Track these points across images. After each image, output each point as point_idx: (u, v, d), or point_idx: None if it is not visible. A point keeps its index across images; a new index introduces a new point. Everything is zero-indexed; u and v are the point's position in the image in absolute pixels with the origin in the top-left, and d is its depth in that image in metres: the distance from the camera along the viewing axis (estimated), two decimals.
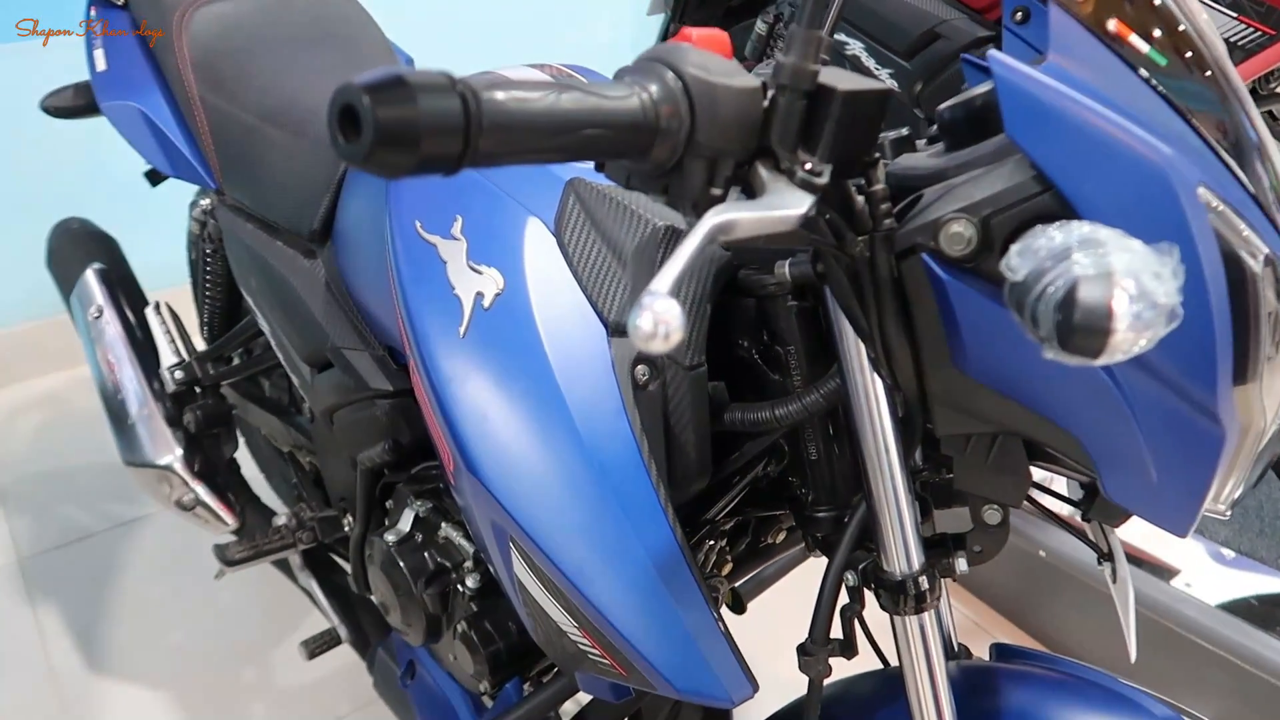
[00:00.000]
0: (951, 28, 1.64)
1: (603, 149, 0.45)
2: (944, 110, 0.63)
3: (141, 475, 1.39)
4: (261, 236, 1.17)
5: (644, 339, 0.38)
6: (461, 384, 0.72)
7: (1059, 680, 0.77)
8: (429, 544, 1.08)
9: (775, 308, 0.72)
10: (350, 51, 1.31)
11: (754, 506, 0.82)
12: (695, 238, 0.43)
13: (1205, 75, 0.54)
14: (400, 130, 0.37)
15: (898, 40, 1.70)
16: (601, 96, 0.45)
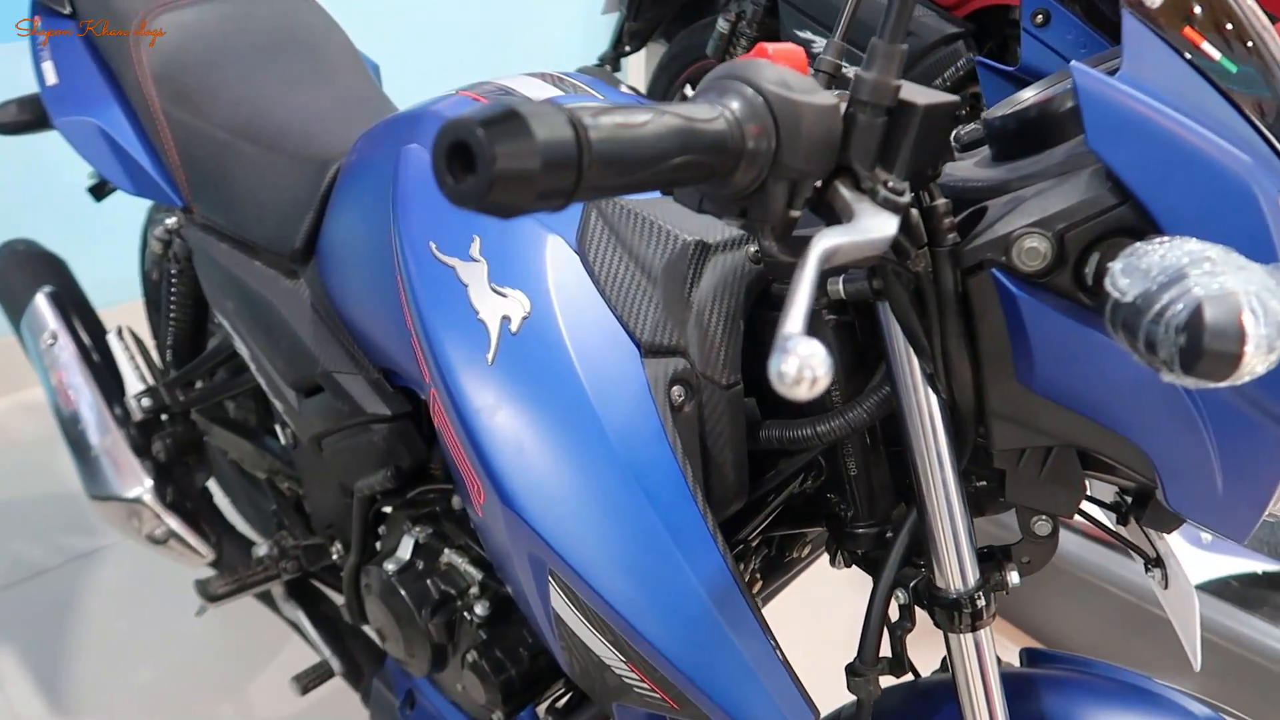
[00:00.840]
0: (919, 24, 1.65)
1: (697, 174, 0.43)
2: (993, 120, 0.62)
3: (109, 509, 1.32)
4: (238, 257, 1.12)
5: (789, 385, 0.35)
6: (492, 413, 0.69)
7: (1098, 684, 0.77)
8: (431, 572, 1.04)
9: (813, 323, 0.70)
10: (318, 60, 1.26)
11: (787, 524, 0.80)
12: (809, 271, 0.41)
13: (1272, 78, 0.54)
14: (520, 167, 0.34)
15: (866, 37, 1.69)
16: (691, 119, 0.42)
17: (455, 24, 2.74)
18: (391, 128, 0.90)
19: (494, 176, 0.34)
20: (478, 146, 0.34)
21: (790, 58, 0.49)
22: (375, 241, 0.90)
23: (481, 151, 0.34)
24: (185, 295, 1.32)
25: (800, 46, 0.50)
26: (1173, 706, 0.75)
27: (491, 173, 0.34)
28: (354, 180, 0.95)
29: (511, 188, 0.34)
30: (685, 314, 0.70)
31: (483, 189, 0.34)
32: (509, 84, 0.89)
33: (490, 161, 0.34)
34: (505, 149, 0.34)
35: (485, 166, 0.34)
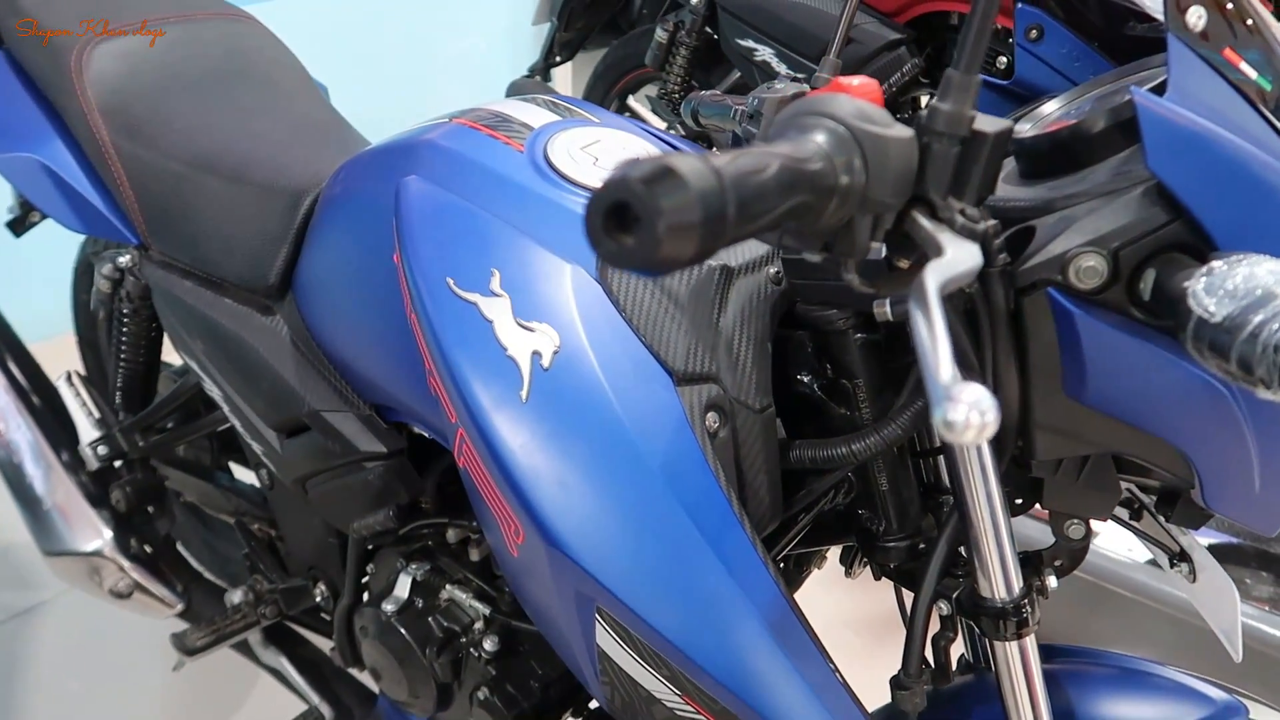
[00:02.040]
0: (862, 31, 1.68)
1: (801, 215, 0.43)
2: (1024, 140, 0.63)
3: (66, 565, 1.25)
4: (205, 295, 1.07)
5: (958, 432, 0.35)
6: (531, 453, 0.67)
7: (1119, 675, 0.80)
8: (432, 609, 1.01)
9: (842, 341, 0.71)
10: (272, 86, 1.22)
11: (815, 541, 0.81)
12: (936, 312, 0.41)
13: None
14: (683, 221, 0.33)
15: (808, 45, 1.72)
16: (797, 161, 0.42)
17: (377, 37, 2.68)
18: (382, 159, 0.88)
19: (662, 233, 0.33)
20: (641, 205, 0.33)
21: (867, 92, 0.49)
22: (366, 276, 0.88)
23: (646, 210, 0.33)
24: (138, 336, 1.26)
25: (874, 80, 0.51)
26: (1191, 693, 0.78)
27: (658, 230, 0.33)
28: (339, 212, 0.92)
29: (677, 243, 0.33)
30: (714, 339, 0.70)
31: (650, 248, 0.33)
32: (501, 109, 0.87)
33: (655, 218, 0.33)
34: (669, 204, 0.33)
35: (650, 224, 0.33)
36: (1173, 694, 0.77)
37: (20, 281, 2.11)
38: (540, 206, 0.75)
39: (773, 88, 0.88)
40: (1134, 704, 0.78)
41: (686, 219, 0.33)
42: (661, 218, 0.33)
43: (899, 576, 0.76)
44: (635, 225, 0.33)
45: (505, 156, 0.79)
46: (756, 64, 1.83)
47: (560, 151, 0.79)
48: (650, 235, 0.33)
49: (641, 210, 0.33)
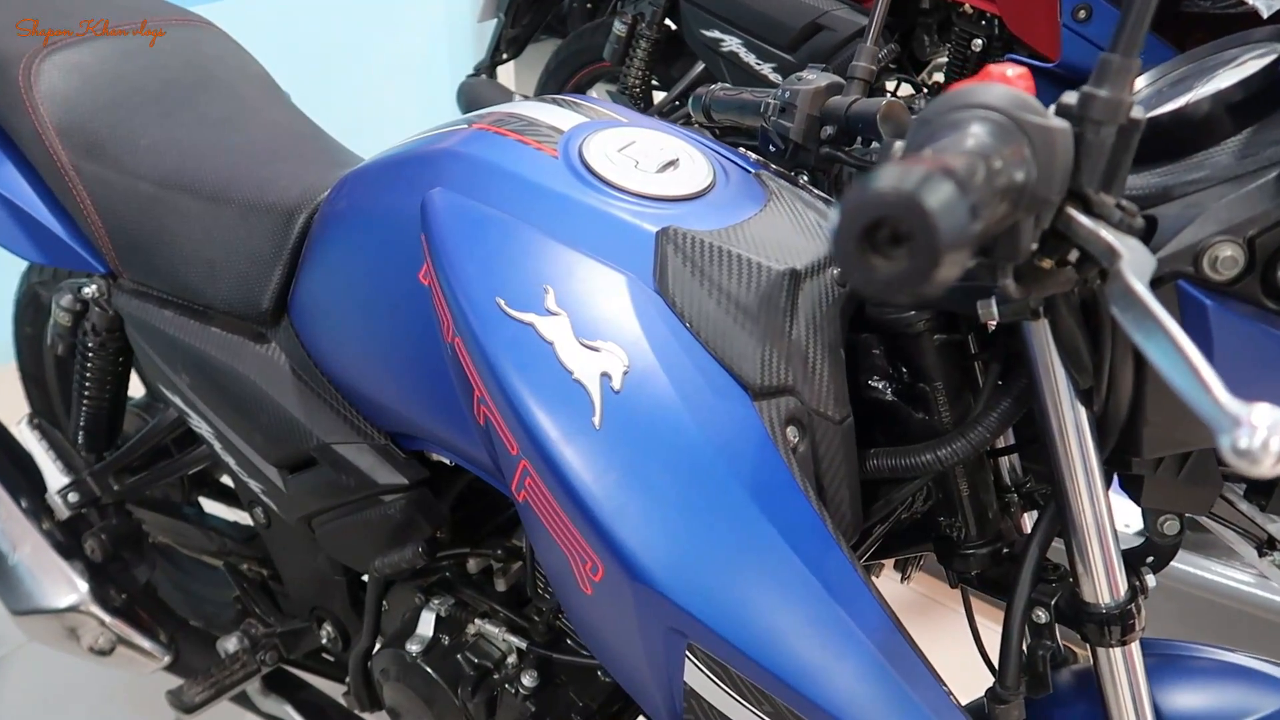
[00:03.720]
0: (834, 18, 1.65)
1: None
2: None
3: (38, 624, 1.15)
4: (189, 324, 0.99)
5: (1254, 461, 0.32)
6: (609, 483, 0.62)
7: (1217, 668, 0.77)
8: (460, 646, 0.96)
9: (920, 344, 0.67)
10: (238, 95, 1.14)
11: (889, 552, 0.77)
12: (1163, 313, 0.37)
13: None
14: (961, 239, 0.29)
15: (779, 34, 1.69)
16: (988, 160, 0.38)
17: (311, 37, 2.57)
18: (396, 170, 0.81)
19: (942, 249, 0.28)
20: (917, 220, 0.28)
21: (1025, 81, 0.45)
22: (382, 296, 0.81)
23: (922, 225, 0.28)
24: (103, 371, 1.16)
25: (1022, 66, 0.47)
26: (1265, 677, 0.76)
27: (938, 246, 0.28)
28: (345, 229, 0.85)
29: (954, 262, 0.29)
30: (788, 349, 0.66)
31: (925, 268, 0.29)
32: (522, 111, 0.82)
33: (933, 235, 0.28)
34: (948, 220, 0.29)
35: (928, 241, 0.28)
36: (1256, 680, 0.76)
37: None
38: (585, 215, 0.70)
39: (804, 79, 0.84)
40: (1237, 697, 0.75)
41: (963, 235, 0.29)
42: (940, 234, 0.28)
43: (983, 584, 0.73)
44: (907, 242, 0.29)
45: (540, 163, 0.73)
46: (723, 55, 1.79)
47: (597, 154, 0.74)
48: (927, 254, 0.29)
49: (916, 226, 0.29)
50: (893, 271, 0.30)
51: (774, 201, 0.74)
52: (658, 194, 0.71)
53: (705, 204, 0.72)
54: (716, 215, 0.71)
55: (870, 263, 0.30)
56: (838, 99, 0.80)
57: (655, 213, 0.70)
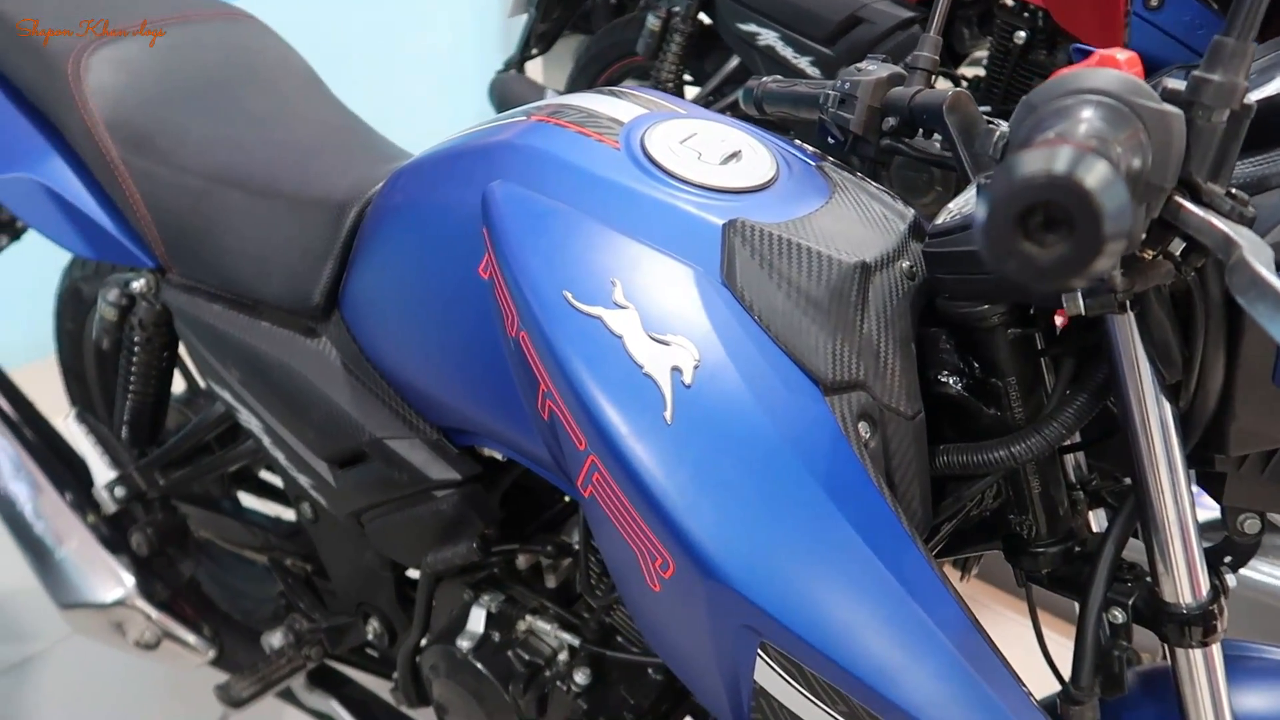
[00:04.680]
0: (874, 11, 1.63)
1: None
2: None
3: (85, 618, 1.16)
4: (239, 319, 0.99)
5: None
6: (681, 479, 0.61)
7: (1264, 665, 0.76)
8: (511, 643, 0.95)
9: (993, 338, 0.66)
10: (282, 89, 1.13)
11: (955, 549, 0.76)
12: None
13: None
14: (1123, 226, 0.27)
15: (817, 27, 1.68)
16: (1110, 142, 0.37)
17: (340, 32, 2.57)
18: (454, 163, 0.80)
19: (1107, 237, 0.27)
20: (1079, 201, 0.27)
21: (1133, 63, 0.44)
22: (438, 290, 0.81)
23: (1087, 210, 0.27)
24: (149, 366, 1.16)
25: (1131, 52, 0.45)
26: None
27: (1103, 233, 0.27)
28: (399, 224, 0.84)
29: (1114, 250, 0.28)
30: (858, 343, 0.65)
31: (1086, 255, 0.27)
32: (579, 103, 0.81)
33: (1098, 220, 0.27)
34: (1112, 204, 0.27)
35: (1092, 227, 0.27)
36: None
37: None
38: (650, 207, 0.69)
39: (864, 70, 0.82)
40: None
41: (1125, 216, 0.28)
42: (1104, 215, 0.27)
43: (1054, 583, 0.72)
44: (1065, 227, 0.28)
45: (602, 155, 0.72)
46: (759, 49, 1.78)
47: (659, 146, 0.73)
48: (1090, 238, 0.27)
49: (1077, 207, 0.27)
50: (1051, 259, 0.28)
51: (839, 193, 0.73)
52: (722, 186, 0.70)
53: (770, 196, 0.71)
54: (782, 207, 0.70)
55: (1026, 251, 0.29)
56: (900, 90, 0.79)
57: (721, 205, 0.69)
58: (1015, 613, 1.55)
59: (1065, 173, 0.28)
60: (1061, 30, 1.50)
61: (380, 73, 2.71)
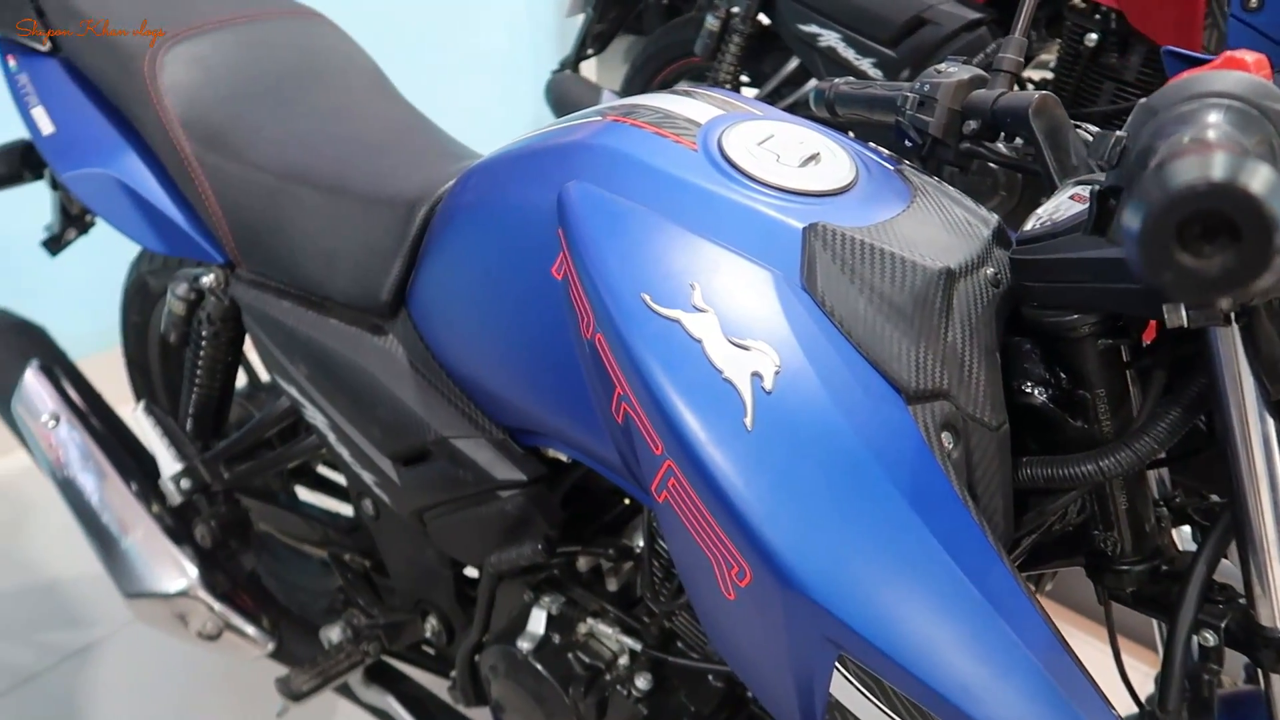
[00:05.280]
0: (939, 12, 1.61)
1: None
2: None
3: (149, 607, 1.17)
4: (307, 315, 0.99)
5: None
6: (761, 486, 0.60)
7: None
8: (571, 645, 0.95)
9: (1081, 349, 0.64)
10: (350, 87, 1.14)
11: (1035, 565, 0.74)
12: None
13: None
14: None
15: (880, 29, 1.66)
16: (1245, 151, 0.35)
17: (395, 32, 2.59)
18: (527, 163, 0.80)
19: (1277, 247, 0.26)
20: (1249, 212, 0.26)
21: (1261, 65, 0.42)
22: (508, 291, 0.80)
23: (1255, 218, 0.26)
24: (215, 360, 1.18)
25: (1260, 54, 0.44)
26: None
27: (1271, 234, 0.26)
28: (471, 223, 0.84)
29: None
30: (942, 351, 0.63)
31: (1256, 265, 0.26)
32: (654, 103, 0.80)
33: (1266, 220, 0.26)
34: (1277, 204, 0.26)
35: (1260, 229, 0.26)
36: None
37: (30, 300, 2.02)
38: (729, 210, 0.68)
39: (944, 72, 0.81)
40: None
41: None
42: (1277, 228, 0.26)
43: (1138, 603, 0.70)
44: (1229, 238, 0.26)
45: (680, 156, 0.72)
46: (820, 50, 1.76)
47: (737, 147, 0.72)
48: (1259, 251, 0.26)
49: (1247, 219, 0.26)
50: (1215, 271, 0.27)
51: (920, 197, 0.72)
52: (802, 189, 0.69)
53: (851, 199, 0.69)
54: (863, 211, 0.68)
55: (1185, 264, 0.28)
56: (982, 92, 0.77)
57: (800, 208, 0.68)
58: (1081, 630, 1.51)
59: (1227, 179, 0.27)
60: (1134, 32, 1.46)
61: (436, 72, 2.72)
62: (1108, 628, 0.78)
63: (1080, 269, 0.60)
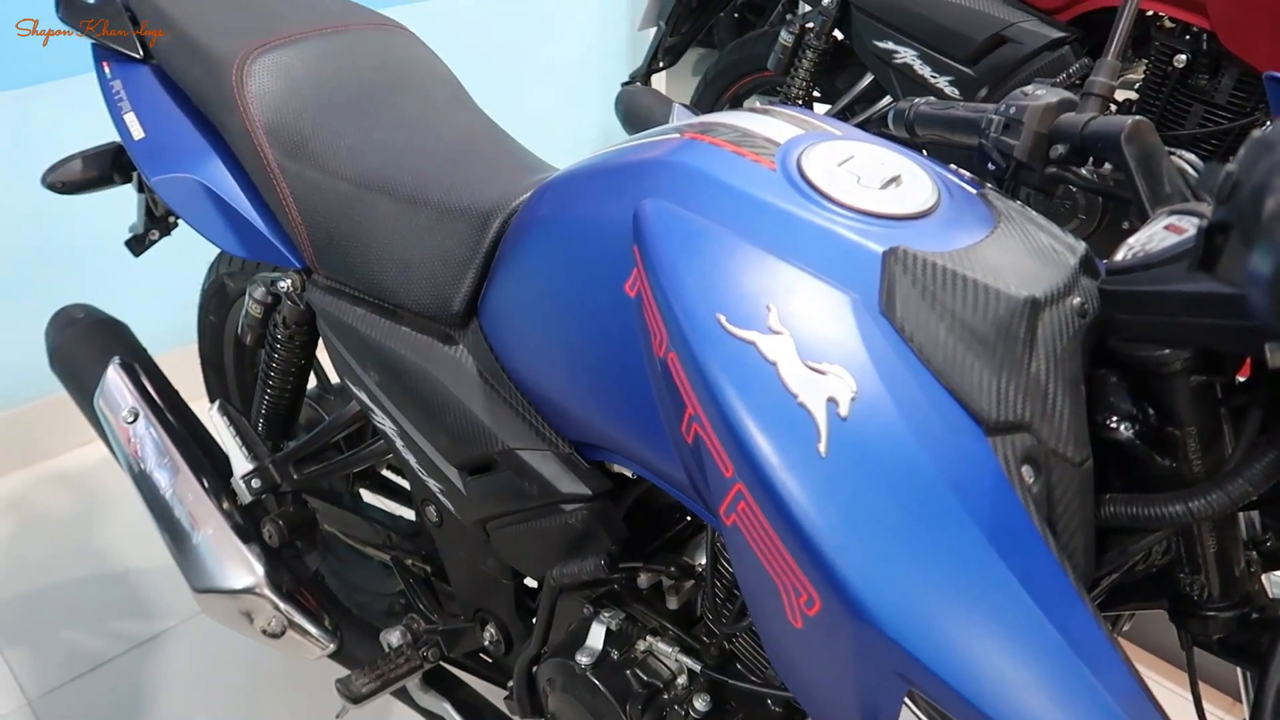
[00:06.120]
0: (1020, 30, 1.58)
1: None
2: None
3: (216, 603, 1.20)
4: (380, 323, 1.01)
5: None
6: (833, 514, 0.59)
7: None
8: (629, 662, 0.94)
9: (1173, 384, 0.62)
10: (428, 97, 1.16)
11: (1115, 605, 0.72)
12: None
13: None
14: None
15: (959, 46, 1.63)
16: None
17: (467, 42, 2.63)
18: (603, 179, 0.80)
19: None
20: None
21: None
22: (580, 306, 0.80)
23: None
24: (289, 363, 1.20)
25: None
26: None
27: None
28: (544, 236, 0.85)
29: None
30: (1024, 382, 0.62)
31: None
32: (732, 121, 0.79)
33: None
34: None
35: None
36: None
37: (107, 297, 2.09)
38: (808, 231, 0.67)
39: (1030, 94, 0.79)
40: None
41: None
42: None
43: (1226, 650, 0.67)
44: None
45: (758, 175, 0.71)
46: (895, 67, 1.74)
47: (817, 168, 0.71)
48: None
49: None
50: None
51: (1004, 223, 0.70)
52: (882, 211, 0.68)
53: (932, 224, 0.68)
54: (945, 236, 0.67)
55: None
56: (1071, 116, 0.75)
57: (881, 231, 0.66)
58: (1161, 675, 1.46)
59: None
60: (1227, 54, 1.42)
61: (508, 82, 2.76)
62: (1189, 674, 0.75)
63: (1176, 302, 0.58)
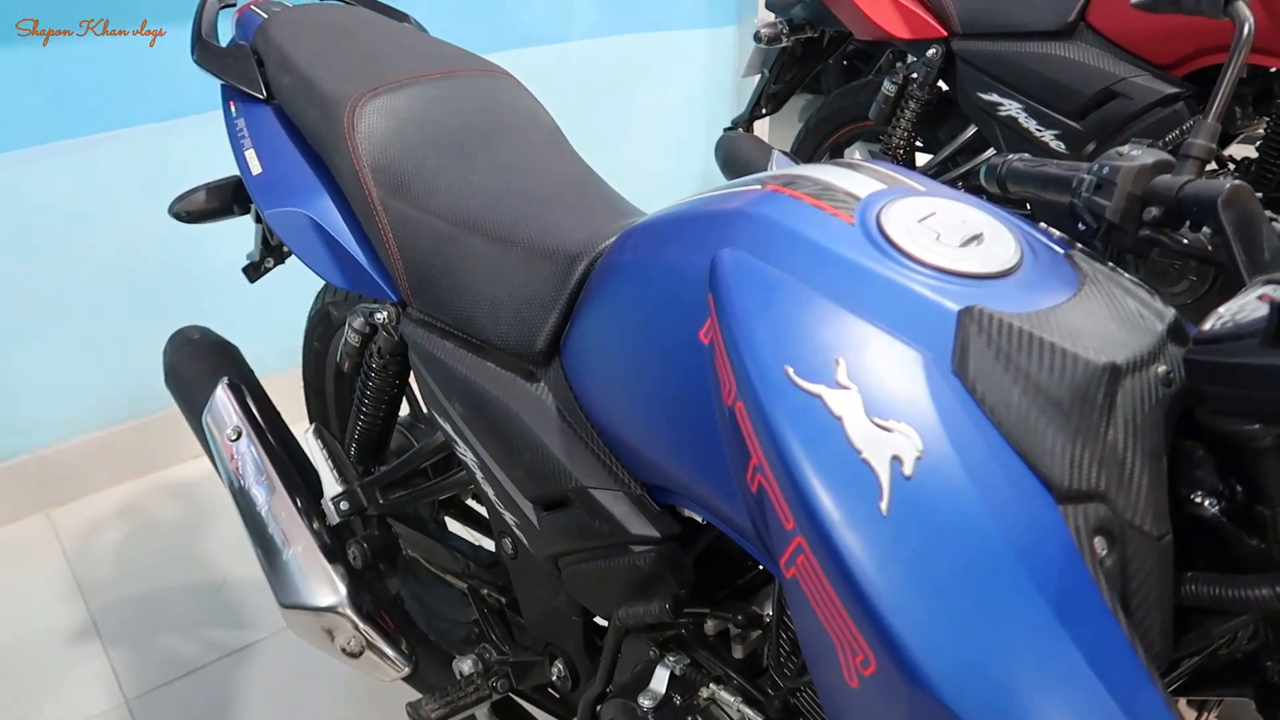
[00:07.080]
0: (1131, 85, 1.54)
1: None
2: None
3: (300, 619, 1.24)
4: (467, 357, 1.04)
5: None
6: (893, 574, 0.58)
7: None
8: (692, 709, 0.93)
9: (1263, 461, 0.59)
10: (529, 142, 1.20)
11: (1196, 690, 0.68)
12: None
13: None
14: None
15: (1066, 100, 1.60)
16: None
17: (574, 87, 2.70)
18: (685, 227, 0.82)
19: None
20: None
21: None
22: (655, 350, 0.81)
23: None
24: (382, 391, 1.25)
25: None
26: None
27: None
28: (625, 281, 0.86)
29: None
30: (1101, 450, 0.60)
31: None
32: (814, 174, 0.80)
33: None
34: None
35: None
36: None
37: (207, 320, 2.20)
38: (882, 287, 0.67)
39: (1125, 155, 0.77)
40: None
41: None
42: None
43: None
44: None
45: (836, 229, 0.71)
46: (999, 119, 1.71)
47: (896, 224, 0.71)
48: None
49: None
50: None
51: (1089, 286, 0.69)
52: (960, 270, 0.67)
53: (1012, 284, 0.67)
54: (1025, 297, 0.66)
55: None
56: (1167, 178, 0.73)
57: (958, 290, 0.66)
58: None
59: None
60: None
61: (612, 126, 2.82)
62: None
63: (1263, 377, 0.56)
